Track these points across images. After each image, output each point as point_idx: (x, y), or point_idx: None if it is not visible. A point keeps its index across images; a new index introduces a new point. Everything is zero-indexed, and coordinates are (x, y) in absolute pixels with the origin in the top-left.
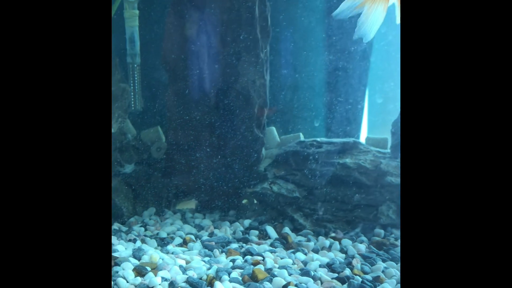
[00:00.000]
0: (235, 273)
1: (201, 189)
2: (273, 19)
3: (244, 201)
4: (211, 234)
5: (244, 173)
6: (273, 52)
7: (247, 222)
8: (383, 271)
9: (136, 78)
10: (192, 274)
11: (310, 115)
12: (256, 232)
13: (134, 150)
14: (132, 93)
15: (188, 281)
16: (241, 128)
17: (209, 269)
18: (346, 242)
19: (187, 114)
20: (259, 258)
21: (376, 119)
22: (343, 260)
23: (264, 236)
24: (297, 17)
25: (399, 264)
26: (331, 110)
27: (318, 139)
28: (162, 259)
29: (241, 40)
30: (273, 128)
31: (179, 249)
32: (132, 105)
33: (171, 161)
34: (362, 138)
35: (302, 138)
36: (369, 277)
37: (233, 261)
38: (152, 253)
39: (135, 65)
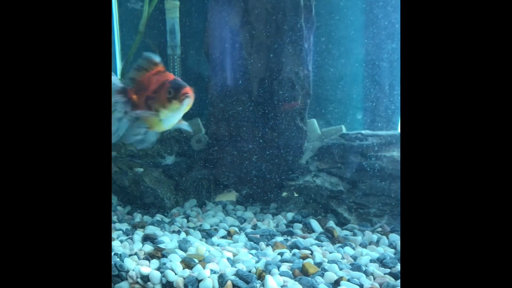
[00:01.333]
0: (285, 267)
1: (242, 181)
2: (316, 9)
3: (284, 194)
4: (254, 227)
5: (286, 165)
6: (317, 42)
7: (290, 215)
8: None
9: (176, 69)
10: (241, 267)
11: (353, 107)
12: (300, 225)
13: (174, 141)
14: None
15: (237, 274)
16: (284, 120)
17: (257, 262)
18: (394, 237)
19: (229, 106)
20: (307, 252)
21: None
22: (393, 255)
23: (308, 229)
24: (340, 7)
25: None
26: (372, 103)
27: (363, 132)
28: (209, 251)
29: (285, 30)
30: (314, 120)
31: (224, 241)
32: None
33: (211, 152)
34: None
35: (344, 130)
36: None
37: (280, 254)
38: (198, 245)
39: (176, 57)
